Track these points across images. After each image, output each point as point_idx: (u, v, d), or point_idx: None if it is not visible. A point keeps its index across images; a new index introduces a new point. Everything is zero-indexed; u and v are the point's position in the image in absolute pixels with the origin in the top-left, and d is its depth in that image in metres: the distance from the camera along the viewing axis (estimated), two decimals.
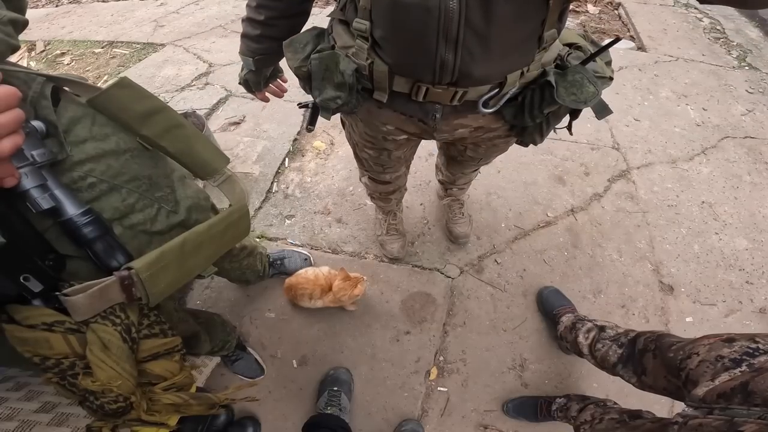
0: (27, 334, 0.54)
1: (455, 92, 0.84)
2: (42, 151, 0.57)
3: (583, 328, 1.39)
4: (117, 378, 0.58)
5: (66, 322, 0.57)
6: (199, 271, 0.75)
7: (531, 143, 1.08)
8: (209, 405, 0.71)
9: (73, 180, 0.63)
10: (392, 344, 1.70)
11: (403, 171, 1.53)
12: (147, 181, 0.75)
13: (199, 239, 0.72)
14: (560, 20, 0.82)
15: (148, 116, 0.73)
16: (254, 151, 2.42)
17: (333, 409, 1.45)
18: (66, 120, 0.65)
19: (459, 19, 0.69)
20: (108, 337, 0.58)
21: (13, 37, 0.57)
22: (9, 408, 0.88)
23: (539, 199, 2.15)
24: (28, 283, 0.55)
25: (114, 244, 0.64)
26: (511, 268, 1.90)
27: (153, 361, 0.66)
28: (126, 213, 0.70)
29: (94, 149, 0.67)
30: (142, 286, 0.62)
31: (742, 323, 1.75)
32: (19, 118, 0.49)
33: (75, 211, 0.60)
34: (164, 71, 3.10)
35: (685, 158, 2.35)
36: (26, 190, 0.55)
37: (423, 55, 0.77)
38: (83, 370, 0.58)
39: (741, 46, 3.28)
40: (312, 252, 1.94)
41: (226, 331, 1.45)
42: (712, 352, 0.82)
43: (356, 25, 0.81)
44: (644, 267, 1.90)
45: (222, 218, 0.78)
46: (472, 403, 1.57)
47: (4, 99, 0.46)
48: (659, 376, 0.96)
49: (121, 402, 0.61)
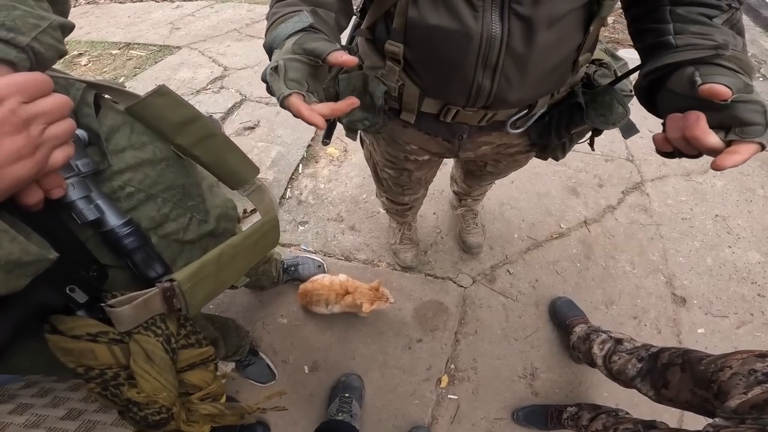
0: (71, 344, 0.55)
1: (485, 114, 0.83)
2: (86, 161, 0.57)
3: (598, 339, 1.39)
4: (162, 389, 0.59)
5: (110, 332, 0.58)
6: (232, 282, 0.76)
7: (553, 158, 1.07)
8: (241, 415, 0.72)
9: (112, 190, 0.63)
10: (404, 352, 1.71)
11: (422, 193, 1.51)
12: (180, 190, 0.75)
13: (234, 251, 0.72)
14: (595, 44, 0.81)
15: (183, 125, 0.72)
16: (268, 156, 2.44)
17: (344, 415, 1.46)
18: (106, 128, 0.64)
19: (500, 47, 0.68)
20: (151, 348, 0.59)
21: (61, 42, 0.55)
22: (35, 414, 0.86)
23: (552, 210, 2.15)
24: (74, 294, 0.56)
25: (153, 254, 0.65)
26: (524, 279, 1.91)
27: (190, 371, 0.67)
28: (161, 222, 0.70)
29: (133, 158, 0.66)
30: (183, 297, 0.62)
31: (754, 335, 1.75)
32: (72, 129, 0.47)
33: (116, 222, 0.60)
34: (180, 74, 3.14)
35: (699, 171, 2.35)
36: (72, 201, 0.55)
37: (459, 81, 0.76)
38: (127, 380, 0.59)
39: (755, 56, 3.27)
40: (325, 259, 1.96)
41: (240, 336, 1.45)
42: (746, 366, 0.83)
43: (389, 48, 0.78)
44: (657, 279, 1.90)
45: (255, 230, 0.78)
46: (482, 411, 1.58)
47: (59, 108, 0.45)
48: (684, 390, 0.97)
49: (164, 413, 0.61)
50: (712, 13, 0.64)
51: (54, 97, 0.44)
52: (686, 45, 0.63)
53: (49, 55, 0.51)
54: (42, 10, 0.52)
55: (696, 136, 0.54)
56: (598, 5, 0.70)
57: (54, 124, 0.45)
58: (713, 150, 0.54)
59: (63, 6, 0.61)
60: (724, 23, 0.64)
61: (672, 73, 0.63)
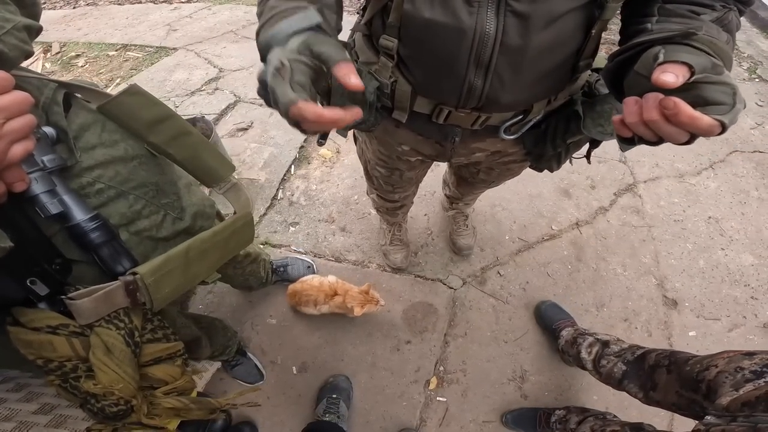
0: (31, 336, 0.55)
1: (478, 117, 0.81)
2: (52, 156, 0.58)
3: (585, 343, 1.38)
4: (119, 381, 0.59)
5: (70, 325, 0.58)
6: (203, 278, 0.76)
7: (548, 170, 1.04)
8: (210, 410, 0.72)
9: (81, 186, 0.64)
10: (393, 353, 1.70)
11: (412, 190, 1.51)
12: (154, 187, 0.75)
13: (204, 246, 0.73)
14: (596, 50, 0.78)
15: (156, 123, 0.74)
16: (261, 157, 2.44)
17: (331, 416, 1.45)
18: (76, 126, 0.66)
19: (494, 44, 0.66)
20: (111, 341, 0.59)
21: (27, 42, 0.58)
22: (8, 408, 0.87)
23: (544, 211, 2.14)
24: (35, 287, 0.56)
25: (120, 249, 0.65)
26: (514, 281, 1.90)
27: (155, 366, 0.67)
28: (132, 219, 0.71)
29: (103, 155, 0.67)
30: (147, 291, 0.63)
31: (746, 338, 1.73)
32: (31, 124, 0.49)
33: (82, 217, 0.61)
34: (175, 75, 3.15)
35: (692, 172, 2.34)
36: (35, 195, 0.56)
37: (450, 79, 0.74)
38: (85, 373, 0.59)
39: (752, 57, 3.25)
40: (315, 260, 1.95)
41: (227, 336, 1.45)
42: (732, 364, 0.83)
43: (383, 42, 0.76)
44: (648, 281, 1.89)
45: (226, 226, 0.78)
46: (471, 414, 1.57)
47: (17, 104, 0.47)
48: (670, 391, 0.97)
49: (121, 405, 0.61)
50: (702, 11, 0.62)
51: (13, 94, 0.47)
52: (661, 29, 0.61)
53: (13, 55, 0.54)
54: (8, 12, 0.55)
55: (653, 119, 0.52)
56: (600, 8, 0.66)
57: (13, 119, 0.47)
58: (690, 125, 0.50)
59: (32, 9, 0.64)
60: (714, 21, 0.61)
61: (640, 54, 0.60)
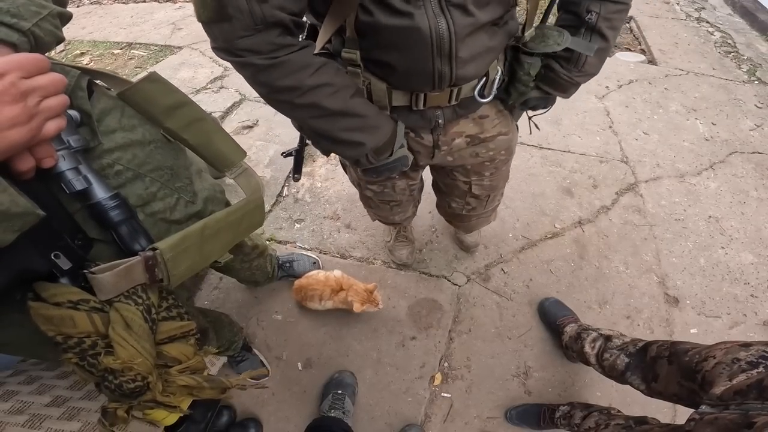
0: (52, 311, 0.56)
1: (451, 91, 0.90)
2: (77, 137, 0.61)
3: (588, 338, 1.39)
4: (137, 356, 0.60)
5: (91, 301, 0.58)
6: (215, 257, 0.78)
7: (519, 114, 1.15)
8: (221, 389, 0.73)
9: (102, 167, 0.66)
10: (398, 349, 1.71)
11: (412, 211, 1.56)
12: (168, 171, 0.77)
13: (218, 225, 0.75)
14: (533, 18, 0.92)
15: (172, 110, 0.76)
16: (266, 155, 2.45)
17: (336, 412, 1.46)
18: (98, 111, 0.68)
19: (449, 36, 0.75)
20: (131, 316, 0.60)
21: (59, 29, 0.61)
22: (20, 401, 0.88)
23: (547, 210, 2.16)
24: (59, 261, 0.57)
25: (138, 228, 0.66)
26: (518, 278, 1.91)
27: (169, 344, 0.68)
28: (148, 201, 0.73)
29: (122, 139, 0.70)
30: (165, 266, 0.64)
31: (746, 335, 1.74)
32: (65, 103, 0.53)
33: (104, 195, 0.62)
34: (180, 74, 3.17)
35: (693, 173, 2.36)
36: (62, 171, 0.58)
37: (421, 72, 0.82)
38: (104, 349, 0.60)
39: (751, 60, 3.28)
40: (320, 256, 1.97)
41: (233, 332, 1.46)
42: (729, 355, 0.84)
43: (345, 56, 0.83)
44: (650, 279, 1.90)
45: (239, 207, 0.81)
46: (476, 410, 1.57)
47: (54, 85, 0.50)
48: (672, 382, 0.97)
49: (139, 381, 0.62)
50: None
51: (50, 75, 0.50)
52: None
53: (48, 40, 0.58)
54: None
55: None
56: None
57: (49, 98, 0.50)
58: None
59: None
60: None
61: None
